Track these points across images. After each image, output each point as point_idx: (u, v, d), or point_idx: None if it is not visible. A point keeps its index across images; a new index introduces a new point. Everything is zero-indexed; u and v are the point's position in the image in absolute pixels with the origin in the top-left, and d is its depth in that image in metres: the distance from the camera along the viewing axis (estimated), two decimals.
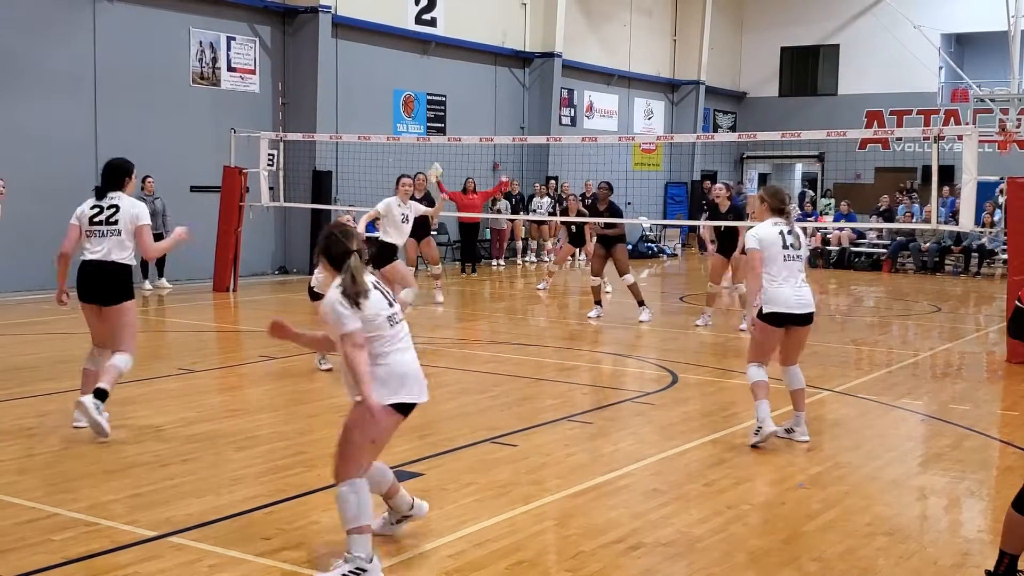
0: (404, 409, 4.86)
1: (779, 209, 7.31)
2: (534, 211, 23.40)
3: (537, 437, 7.37)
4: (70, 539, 5.06)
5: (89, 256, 7.04)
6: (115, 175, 7.11)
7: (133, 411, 7.88)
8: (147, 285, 16.35)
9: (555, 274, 17.72)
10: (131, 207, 7.06)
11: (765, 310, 7.17)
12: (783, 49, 32.50)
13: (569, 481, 6.26)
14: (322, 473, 6.30)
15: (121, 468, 6.37)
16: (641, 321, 13.34)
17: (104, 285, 7.00)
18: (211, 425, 7.51)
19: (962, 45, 31.17)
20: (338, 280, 4.61)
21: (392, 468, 6.36)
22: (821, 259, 23.95)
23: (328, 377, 9.75)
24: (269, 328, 4.91)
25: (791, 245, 7.20)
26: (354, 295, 4.59)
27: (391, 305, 4.81)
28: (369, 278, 4.68)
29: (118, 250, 7.00)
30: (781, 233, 7.21)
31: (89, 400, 6.82)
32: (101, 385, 6.93)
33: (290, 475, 6.24)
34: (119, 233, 6.99)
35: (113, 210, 7.06)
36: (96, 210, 7.04)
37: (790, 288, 7.15)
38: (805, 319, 7.27)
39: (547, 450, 7.03)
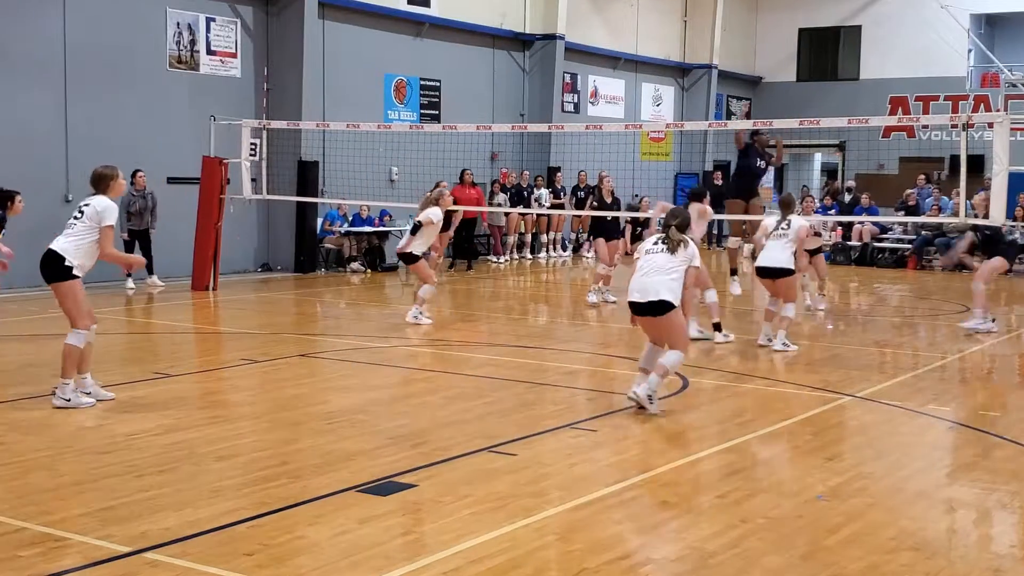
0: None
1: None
2: (537, 202, 23.41)
3: (538, 446, 7.37)
4: (39, 555, 5.06)
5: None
6: None
7: (106, 418, 7.88)
8: (129, 284, 16.33)
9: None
10: None
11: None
12: (801, 31, 32.48)
13: (572, 493, 6.26)
14: (308, 484, 6.30)
15: (93, 479, 6.36)
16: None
17: None
18: (189, 433, 7.50)
19: (992, 26, 31.15)
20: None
21: (384, 479, 6.41)
22: (842, 255, 23.94)
23: (313, 383, 9.77)
24: None
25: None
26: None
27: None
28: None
29: None
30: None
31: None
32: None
33: (274, 486, 6.24)
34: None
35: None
36: None
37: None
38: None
39: (548, 460, 7.03)
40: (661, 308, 8.14)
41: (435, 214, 13.06)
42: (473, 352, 11.76)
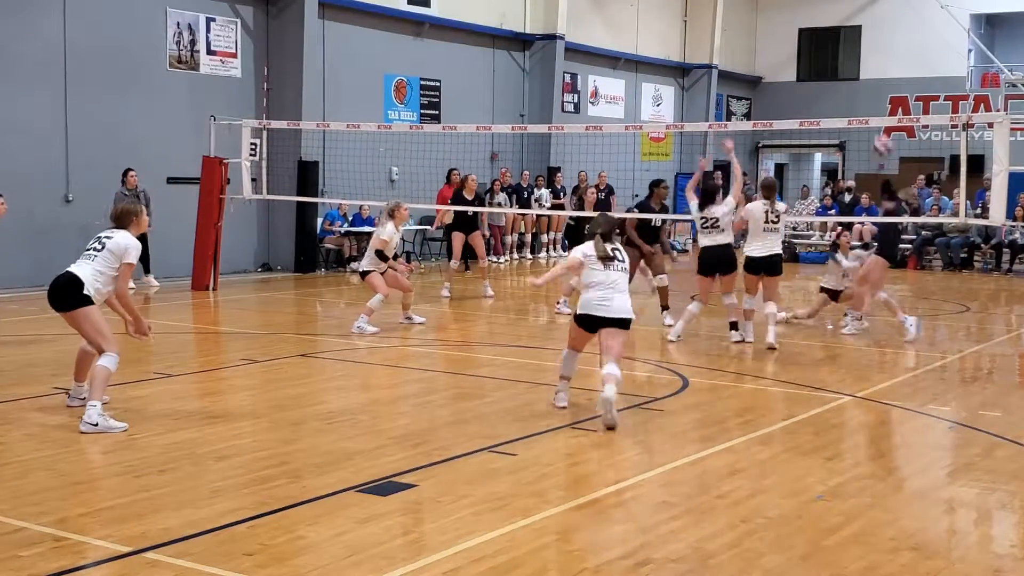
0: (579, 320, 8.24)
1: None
2: (537, 202, 23.42)
3: (538, 446, 7.37)
4: (38, 555, 5.06)
5: None
6: None
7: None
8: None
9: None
10: None
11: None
12: (801, 31, 32.50)
13: (572, 493, 6.26)
14: (308, 484, 6.30)
15: (93, 479, 6.36)
16: None
17: None
18: (189, 433, 7.50)
19: (992, 26, 31.16)
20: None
21: (384, 479, 6.41)
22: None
23: (313, 382, 9.76)
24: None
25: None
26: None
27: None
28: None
29: None
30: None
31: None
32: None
33: (274, 486, 6.24)
34: None
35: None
36: None
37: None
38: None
39: (549, 460, 7.03)
40: (628, 324, 8.17)
41: (386, 232, 12.46)
42: (473, 352, 11.76)
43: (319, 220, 20.00)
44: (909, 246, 23.43)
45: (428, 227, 22.03)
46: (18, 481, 6.28)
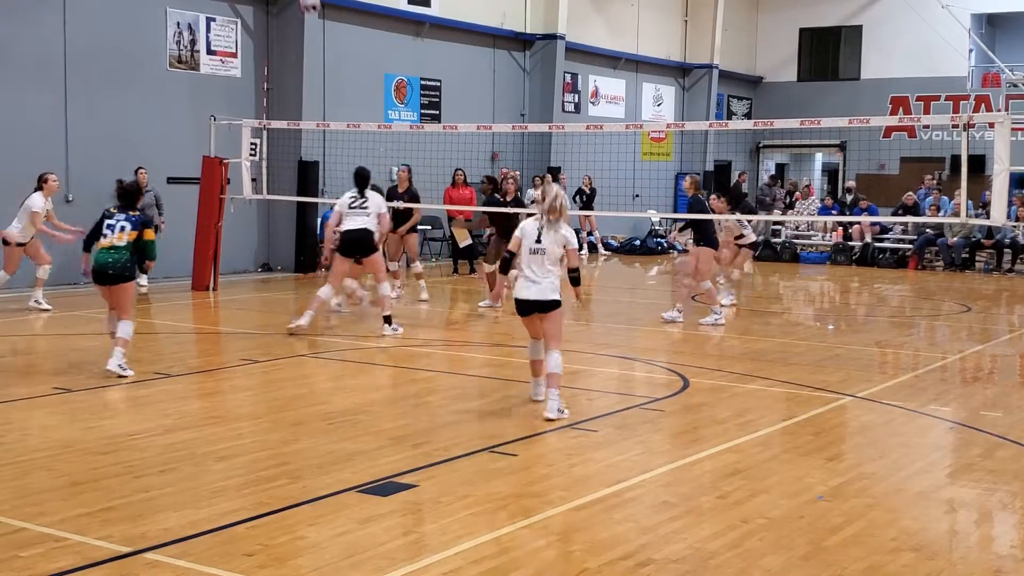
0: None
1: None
2: (532, 202, 23.40)
3: (539, 446, 7.38)
4: (38, 555, 5.06)
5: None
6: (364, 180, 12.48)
7: (106, 418, 7.88)
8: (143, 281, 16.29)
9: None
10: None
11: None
12: (802, 30, 32.48)
13: (573, 493, 6.26)
14: (308, 485, 6.31)
15: (92, 480, 6.36)
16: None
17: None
18: (189, 433, 7.51)
19: (993, 26, 31.14)
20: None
21: (384, 479, 6.41)
22: (842, 255, 23.94)
23: (314, 383, 9.77)
24: None
25: None
26: None
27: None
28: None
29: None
30: None
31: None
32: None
33: (274, 487, 6.24)
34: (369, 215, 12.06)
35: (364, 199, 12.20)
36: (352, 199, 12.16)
37: None
38: None
39: (549, 460, 7.03)
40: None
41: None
42: (473, 352, 11.76)
43: (319, 220, 19.98)
44: (910, 247, 23.41)
45: (429, 227, 22.04)
46: (18, 481, 6.28)
